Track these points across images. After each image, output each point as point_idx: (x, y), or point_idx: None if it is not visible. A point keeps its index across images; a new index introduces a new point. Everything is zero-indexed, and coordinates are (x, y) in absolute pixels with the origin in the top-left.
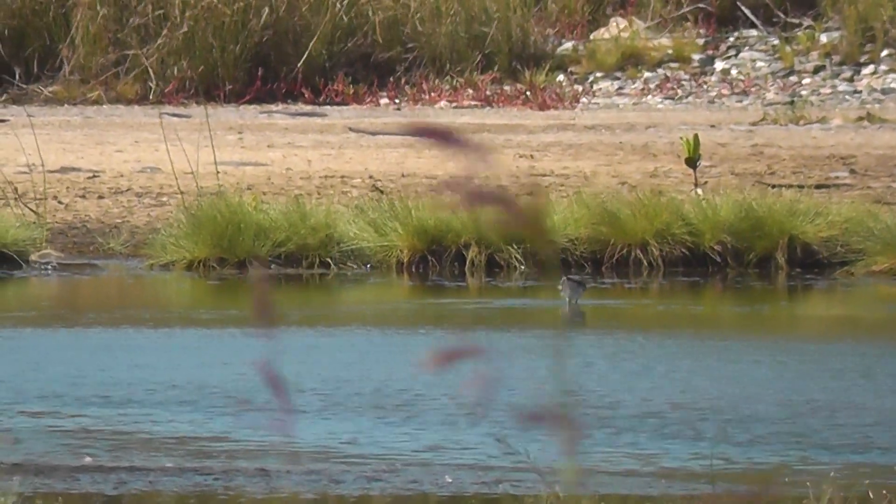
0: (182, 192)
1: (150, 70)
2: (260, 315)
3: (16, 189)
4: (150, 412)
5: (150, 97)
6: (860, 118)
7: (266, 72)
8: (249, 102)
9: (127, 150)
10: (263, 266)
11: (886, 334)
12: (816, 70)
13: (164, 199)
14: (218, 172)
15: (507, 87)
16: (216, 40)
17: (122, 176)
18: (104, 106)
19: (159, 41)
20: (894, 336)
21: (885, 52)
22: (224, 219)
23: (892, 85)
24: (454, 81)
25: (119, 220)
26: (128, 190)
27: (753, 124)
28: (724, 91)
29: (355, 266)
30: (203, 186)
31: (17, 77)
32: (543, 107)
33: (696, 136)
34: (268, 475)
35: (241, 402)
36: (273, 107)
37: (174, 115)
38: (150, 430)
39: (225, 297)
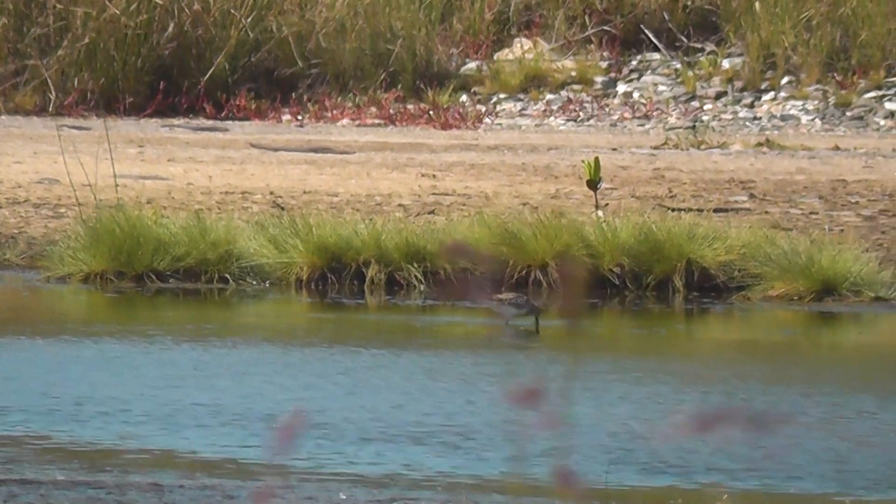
0: (80, 205)
1: (50, 81)
2: None
3: None
4: (42, 424)
5: (50, 109)
6: (760, 144)
7: (168, 85)
8: (151, 116)
9: (25, 161)
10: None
11: (773, 358)
12: (718, 96)
13: (63, 210)
14: (117, 185)
15: (410, 106)
16: (118, 53)
17: (19, 187)
18: (2, 117)
19: (60, 52)
20: (780, 361)
21: (785, 80)
22: (123, 232)
23: (792, 112)
24: (357, 99)
25: (16, 231)
26: (25, 201)
27: (655, 148)
28: (627, 114)
29: (255, 282)
30: (102, 199)
31: None
32: (446, 126)
33: (597, 159)
34: (161, 490)
35: (134, 414)
36: (175, 121)
37: (74, 127)
38: (43, 442)
39: (120, 311)
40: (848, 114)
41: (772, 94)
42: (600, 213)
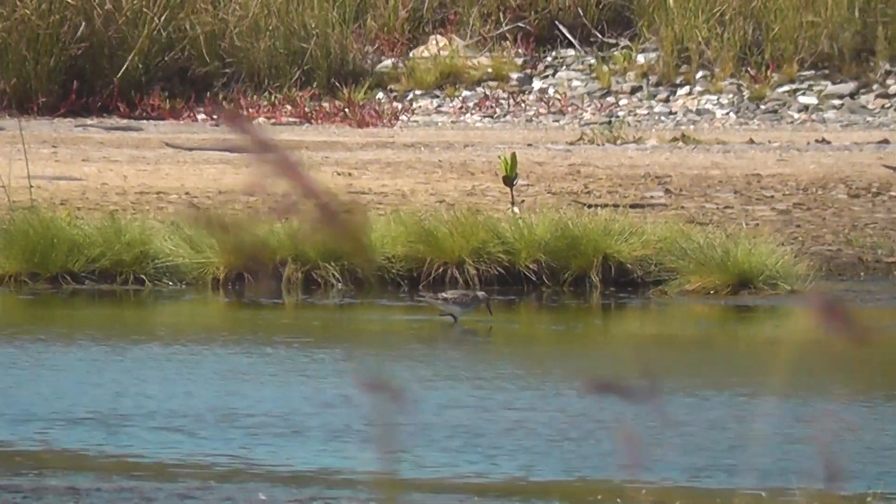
0: None
1: None
2: None
3: None
4: None
5: None
6: (675, 139)
7: (81, 85)
8: (64, 116)
9: None
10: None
11: (688, 352)
12: (633, 91)
13: None
14: (31, 186)
15: (325, 104)
16: (30, 53)
17: None
18: None
19: None
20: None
21: (699, 74)
22: (37, 233)
23: (707, 106)
24: (272, 97)
25: None
26: None
27: (571, 144)
28: (542, 110)
29: (171, 282)
30: (15, 201)
31: None
32: (362, 124)
33: (513, 155)
34: (78, 493)
35: (54, 418)
36: (88, 120)
37: None
38: None
39: (35, 312)
40: (762, 107)
41: (686, 88)
42: (516, 209)
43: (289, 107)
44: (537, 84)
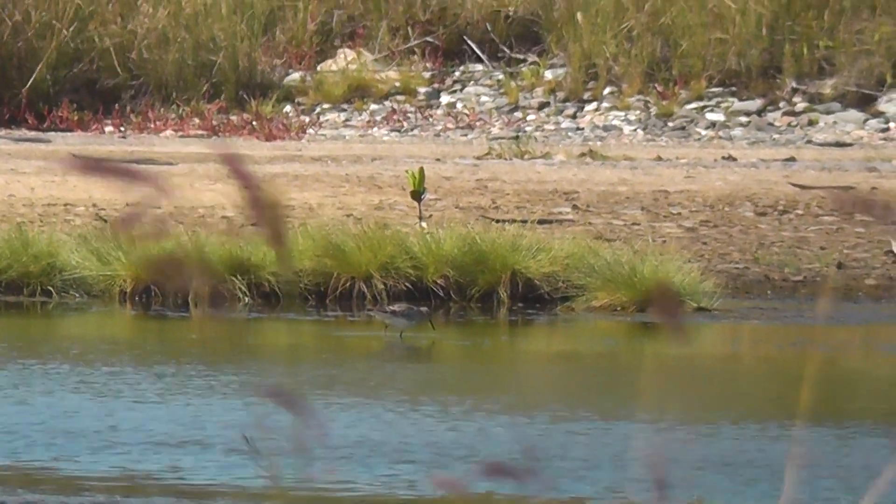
0: None
1: None
2: None
3: None
4: None
5: None
6: (583, 154)
7: None
8: None
9: None
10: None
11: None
12: (541, 106)
13: None
14: None
15: (233, 117)
16: None
17: None
18: None
19: None
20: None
21: (607, 90)
22: None
23: (614, 122)
24: (180, 110)
25: None
26: None
27: (478, 158)
28: (450, 125)
29: (77, 295)
30: None
31: None
32: (270, 137)
33: (421, 170)
34: None
35: None
36: None
37: None
38: None
39: None
40: (670, 124)
41: (594, 104)
42: (424, 224)
43: (197, 119)
44: (445, 98)
